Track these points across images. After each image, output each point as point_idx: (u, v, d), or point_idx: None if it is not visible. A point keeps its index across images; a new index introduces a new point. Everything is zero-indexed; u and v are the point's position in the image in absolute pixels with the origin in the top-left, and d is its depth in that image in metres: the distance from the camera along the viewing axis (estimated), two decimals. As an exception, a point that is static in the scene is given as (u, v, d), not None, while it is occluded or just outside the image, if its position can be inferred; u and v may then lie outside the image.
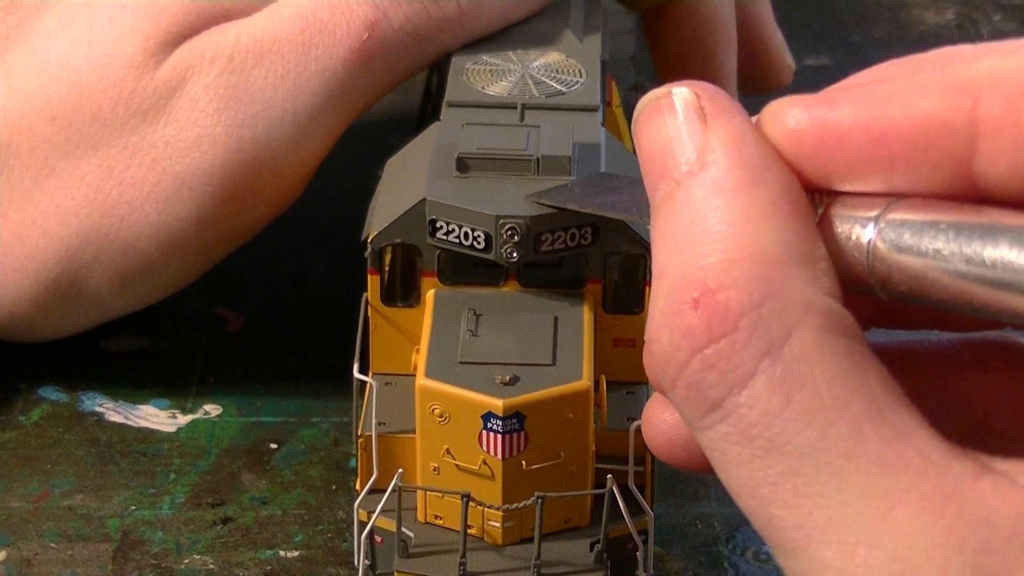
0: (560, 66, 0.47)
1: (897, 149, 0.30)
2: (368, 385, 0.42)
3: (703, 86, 0.32)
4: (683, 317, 0.30)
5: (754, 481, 0.30)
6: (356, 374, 0.42)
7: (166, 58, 0.47)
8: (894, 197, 0.30)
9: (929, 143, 0.30)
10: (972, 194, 0.30)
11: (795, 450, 0.29)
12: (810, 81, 0.68)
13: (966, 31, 0.75)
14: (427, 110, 0.51)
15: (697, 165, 0.31)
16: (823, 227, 0.31)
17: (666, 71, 0.59)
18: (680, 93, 0.32)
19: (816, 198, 0.31)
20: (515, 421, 0.38)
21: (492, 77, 0.46)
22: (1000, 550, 0.28)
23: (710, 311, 0.30)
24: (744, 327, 0.29)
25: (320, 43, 0.47)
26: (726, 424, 0.30)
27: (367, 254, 0.42)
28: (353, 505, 0.41)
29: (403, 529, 0.40)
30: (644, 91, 0.57)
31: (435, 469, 0.40)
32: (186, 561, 0.45)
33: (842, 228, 0.31)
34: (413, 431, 0.40)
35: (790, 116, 0.31)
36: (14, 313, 0.49)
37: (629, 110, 0.53)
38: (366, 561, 0.41)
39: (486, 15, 0.48)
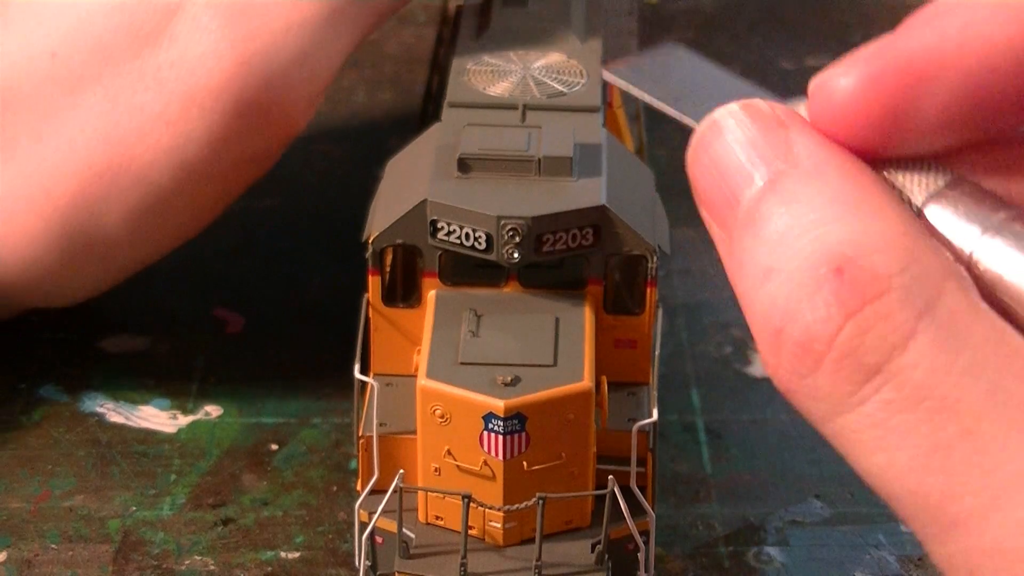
0: (561, 67, 0.47)
1: (990, 70, 0.29)
2: (369, 386, 0.42)
3: (770, 101, 0.32)
4: (828, 287, 0.29)
5: (924, 449, 0.28)
6: (357, 375, 0.42)
7: None
8: (1005, 207, 0.29)
9: (1017, 68, 0.29)
10: None
11: (969, 406, 0.28)
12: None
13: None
14: (428, 111, 0.51)
15: (787, 165, 0.30)
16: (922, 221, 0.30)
17: None
18: (751, 103, 0.31)
19: (920, 186, 0.31)
20: (516, 422, 0.38)
21: (493, 78, 0.46)
22: None
23: (857, 275, 0.28)
24: (897, 287, 0.28)
25: None
26: (888, 390, 0.28)
27: (368, 255, 0.42)
28: (354, 506, 0.41)
29: (404, 530, 0.40)
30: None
31: (436, 470, 0.40)
32: (187, 562, 0.45)
33: (944, 226, 0.30)
34: (414, 432, 0.40)
35: (848, 76, 0.30)
36: (28, 260, 0.48)
37: (630, 111, 0.53)
38: (367, 562, 0.41)
39: None
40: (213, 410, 0.51)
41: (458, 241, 0.40)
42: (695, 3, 0.75)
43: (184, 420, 0.51)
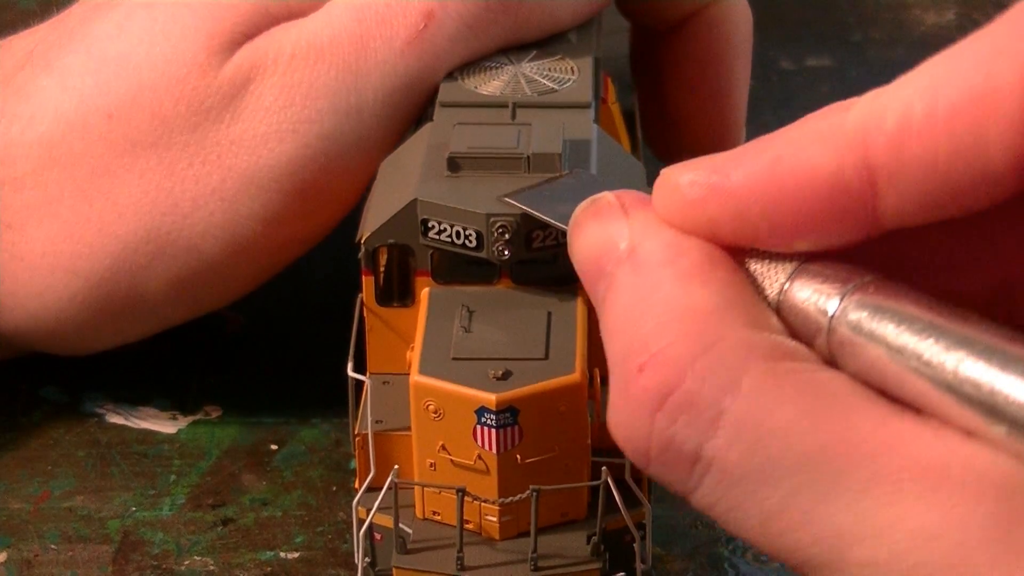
0: (553, 64, 0.47)
1: (796, 209, 0.31)
2: (365, 384, 0.42)
3: (620, 191, 0.34)
4: (634, 384, 0.31)
5: (764, 515, 0.30)
6: (350, 373, 0.42)
7: (230, 57, 0.47)
8: (860, 277, 0.31)
9: (829, 197, 0.31)
10: (878, 230, 0.31)
11: (790, 467, 0.29)
12: (812, 82, 0.68)
13: (966, 31, 0.74)
14: (426, 112, 0.51)
15: (625, 254, 0.32)
16: (786, 297, 0.32)
17: (671, 96, 0.56)
18: (599, 198, 0.34)
19: (781, 268, 0.32)
20: (508, 415, 0.38)
21: (485, 77, 0.47)
22: (1019, 490, 0.28)
23: (657, 369, 0.30)
24: (695, 374, 0.30)
25: (377, 35, 0.46)
26: (714, 472, 0.30)
27: (360, 255, 0.42)
28: (352, 504, 0.41)
29: (401, 525, 0.40)
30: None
31: (431, 465, 0.40)
32: (186, 562, 0.46)
33: (804, 300, 0.31)
34: (409, 428, 0.40)
35: (684, 184, 0.32)
36: (62, 317, 0.48)
37: (626, 109, 0.53)
38: (366, 559, 0.41)
39: (538, 12, 0.48)
40: (213, 410, 0.52)
41: (449, 240, 0.41)
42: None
43: (184, 420, 0.51)
